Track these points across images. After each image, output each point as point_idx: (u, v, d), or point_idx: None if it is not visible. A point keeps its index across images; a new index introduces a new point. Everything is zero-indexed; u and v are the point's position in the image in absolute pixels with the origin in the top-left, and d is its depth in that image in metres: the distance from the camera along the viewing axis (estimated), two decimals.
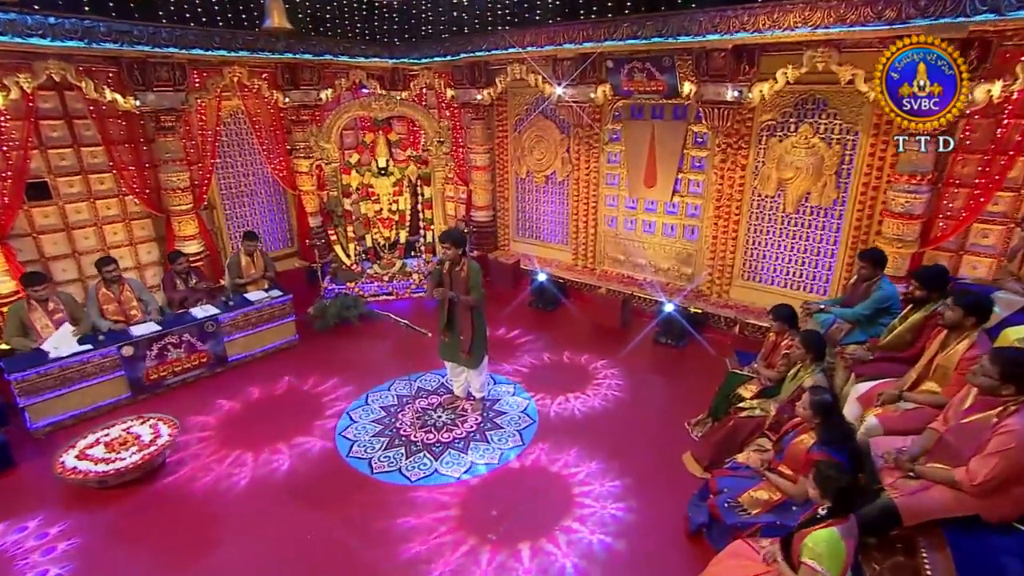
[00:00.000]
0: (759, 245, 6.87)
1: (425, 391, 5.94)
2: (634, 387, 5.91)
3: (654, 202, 7.64)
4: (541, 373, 6.22)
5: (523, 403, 5.69)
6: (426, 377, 6.18)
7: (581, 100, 7.39)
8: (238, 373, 6.32)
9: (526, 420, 5.42)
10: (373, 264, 8.47)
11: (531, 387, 5.94)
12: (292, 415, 5.54)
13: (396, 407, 5.67)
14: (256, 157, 8.52)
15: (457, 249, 5.01)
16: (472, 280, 5.04)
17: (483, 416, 5.47)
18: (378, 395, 5.88)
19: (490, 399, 5.74)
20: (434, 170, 8.29)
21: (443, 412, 5.56)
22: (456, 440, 5.13)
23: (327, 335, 7.20)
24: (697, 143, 7.05)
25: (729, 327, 6.90)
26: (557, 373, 6.21)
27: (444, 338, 5.34)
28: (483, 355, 5.36)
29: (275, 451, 5.02)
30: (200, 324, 6.06)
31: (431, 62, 8.66)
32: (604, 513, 4.22)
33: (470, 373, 5.44)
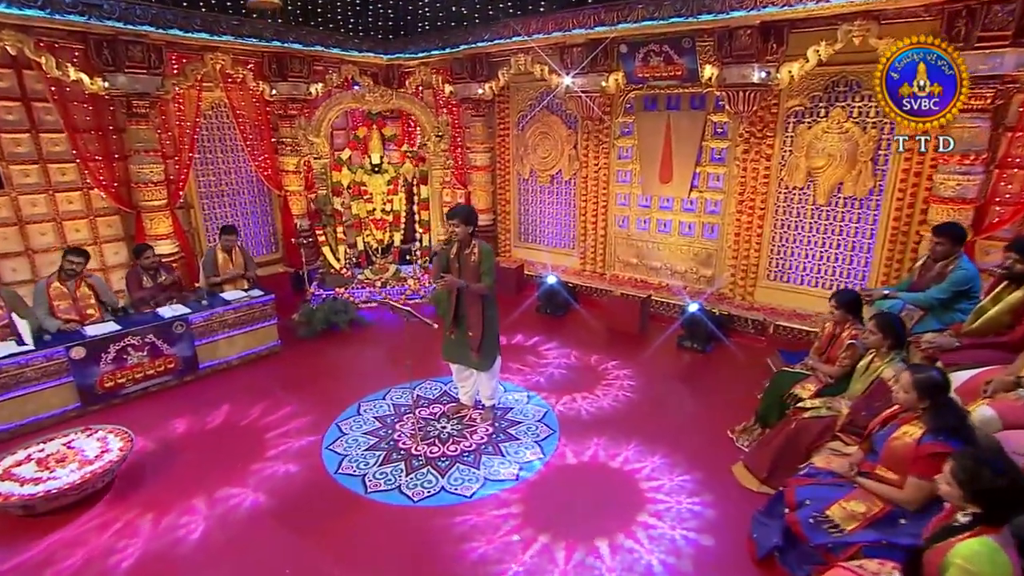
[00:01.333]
0: (786, 242, 6.28)
1: (426, 399, 5.17)
2: (663, 395, 5.19)
3: (670, 199, 7.06)
4: (558, 380, 5.48)
5: (540, 411, 4.94)
6: (426, 385, 5.41)
7: (591, 90, 6.85)
8: (211, 382, 5.49)
9: (544, 430, 4.66)
10: (364, 269, 7.72)
11: (548, 394, 5.19)
12: (271, 427, 4.72)
13: (393, 417, 4.88)
14: (239, 154, 7.82)
15: (467, 228, 4.33)
16: (484, 264, 4.34)
17: (495, 426, 4.71)
18: (371, 404, 5.09)
19: (501, 407, 4.98)
20: (431, 168, 7.65)
21: (448, 422, 4.79)
22: (465, 453, 4.35)
23: (313, 341, 6.40)
24: (717, 134, 6.52)
25: (757, 330, 6.25)
26: (579, 378, 5.48)
27: (450, 335, 4.60)
28: (495, 355, 4.63)
29: (249, 469, 4.18)
30: (167, 324, 5.25)
31: (428, 56, 8.11)
32: (648, 536, 3.46)
33: (479, 377, 4.69)
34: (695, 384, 5.38)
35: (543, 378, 5.52)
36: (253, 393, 5.26)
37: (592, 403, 5.06)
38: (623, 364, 5.75)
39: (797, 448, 3.75)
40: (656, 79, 6.39)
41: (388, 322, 7.02)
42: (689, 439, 4.43)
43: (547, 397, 5.16)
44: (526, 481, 4.01)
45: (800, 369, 4.35)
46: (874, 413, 3.46)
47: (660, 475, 3.99)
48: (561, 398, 5.13)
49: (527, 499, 3.82)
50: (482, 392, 4.78)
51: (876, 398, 3.51)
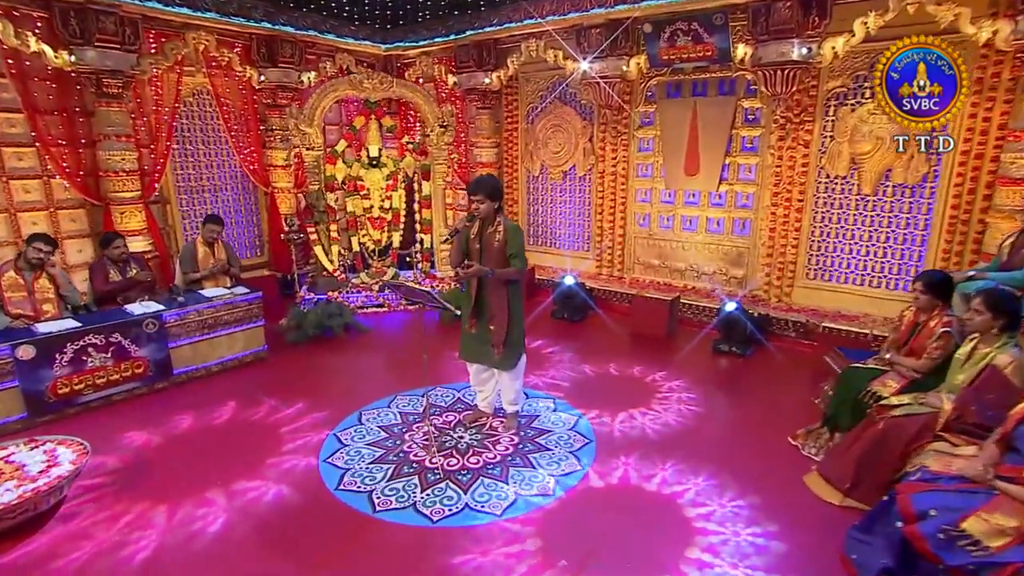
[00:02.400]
0: (828, 236, 5.89)
1: (437, 407, 4.61)
2: (707, 401, 4.69)
3: (696, 194, 6.66)
4: (587, 387, 4.96)
5: (570, 419, 4.40)
6: (436, 391, 4.86)
7: (610, 76, 6.49)
8: (186, 390, 4.89)
9: (579, 439, 4.12)
10: (359, 272, 7.18)
11: (578, 403, 4.65)
12: (258, 439, 4.13)
13: (401, 427, 4.31)
14: (222, 146, 7.31)
15: (492, 203, 3.85)
16: (511, 246, 3.86)
17: (520, 436, 4.15)
18: (374, 413, 4.52)
19: (525, 415, 4.43)
20: (434, 163, 7.20)
21: (465, 432, 4.23)
22: (489, 466, 3.78)
23: (304, 347, 5.83)
24: (748, 121, 6.17)
25: (799, 332, 5.79)
26: (608, 386, 4.96)
27: (469, 329, 4.07)
28: (520, 353, 4.10)
29: (232, 488, 3.58)
30: (137, 323, 4.66)
31: (431, 44, 7.75)
32: (723, 565, 2.92)
33: (501, 378, 4.15)
34: (739, 391, 4.88)
35: (569, 385, 4.99)
36: (235, 402, 4.67)
37: (626, 414, 4.52)
38: (652, 370, 5.24)
39: (888, 451, 3.26)
40: (683, 61, 6.05)
41: (388, 326, 6.48)
42: (741, 453, 3.90)
43: (575, 405, 4.63)
44: (560, 499, 3.46)
45: (874, 364, 3.89)
46: (987, 406, 2.99)
47: (708, 499, 3.40)
48: (590, 409, 4.59)
49: (562, 520, 3.27)
50: (504, 396, 4.24)
51: (987, 389, 3.05)
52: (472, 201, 3.87)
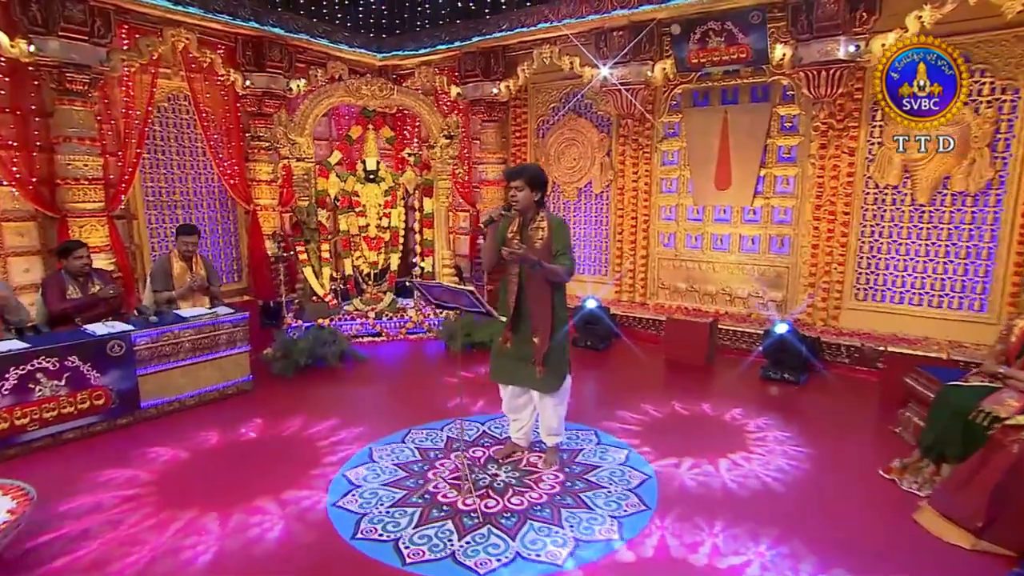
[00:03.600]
0: (879, 252, 5.65)
1: (461, 442, 4.10)
2: (806, 441, 4.27)
3: (727, 209, 6.42)
4: (636, 423, 4.50)
5: (620, 454, 3.93)
6: (456, 424, 4.36)
7: (633, 83, 6.31)
8: (156, 427, 4.31)
9: (635, 475, 3.65)
10: (352, 298, 6.70)
11: (633, 439, 4.18)
12: (250, 480, 3.57)
13: (421, 464, 3.79)
14: (199, 157, 6.88)
15: (532, 193, 3.48)
16: (558, 242, 3.49)
17: (565, 472, 3.67)
18: (387, 449, 3.99)
19: (566, 448, 3.96)
20: (438, 178, 6.87)
21: (499, 468, 3.73)
22: (535, 507, 3.29)
23: (294, 379, 5.28)
24: (785, 129, 6.00)
25: (853, 359, 5.47)
26: (670, 425, 4.48)
27: (504, 344, 3.63)
28: (565, 372, 3.67)
29: (225, 546, 3.01)
30: (99, 344, 4.10)
31: (432, 52, 7.54)
32: None
33: (542, 403, 3.68)
34: (800, 422, 4.46)
35: (613, 423, 4.54)
36: (216, 440, 4.10)
37: (664, 456, 4.08)
38: (695, 401, 4.83)
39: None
40: (714, 65, 5.90)
41: (387, 356, 6.00)
42: (832, 495, 3.47)
43: (635, 445, 4.18)
44: (631, 540, 2.98)
45: (978, 382, 3.54)
46: None
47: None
48: (642, 446, 4.14)
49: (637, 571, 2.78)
50: (544, 425, 3.77)
51: None
52: (510, 188, 3.50)
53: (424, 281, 3.39)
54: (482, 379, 5.33)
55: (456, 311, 3.36)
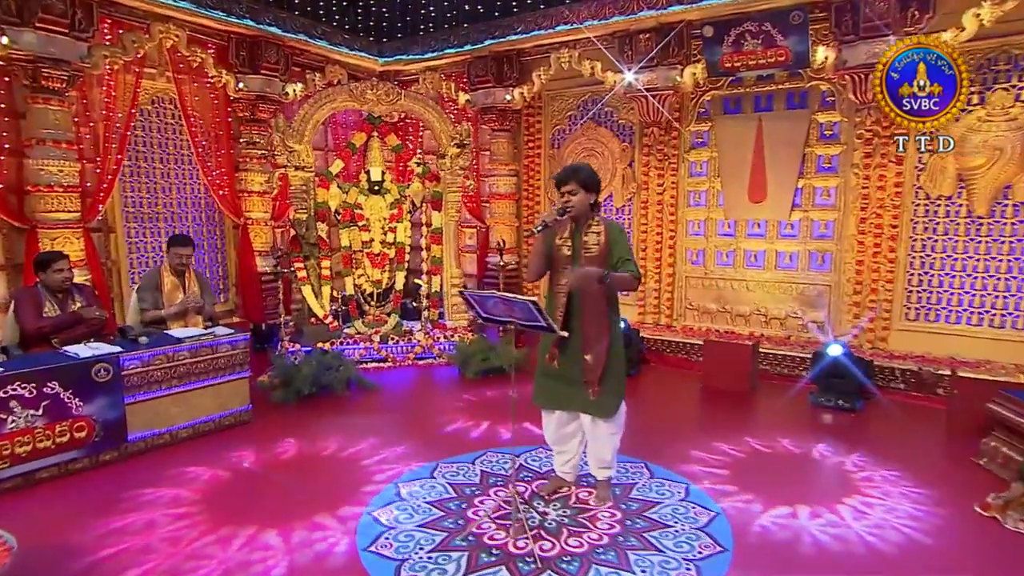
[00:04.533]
0: (931, 268, 5.57)
1: (496, 475, 3.86)
2: (830, 475, 4.08)
3: (762, 224, 6.34)
4: (718, 463, 4.28)
5: (678, 488, 3.72)
6: (487, 456, 4.13)
7: (660, 88, 6.25)
8: (144, 464, 4.00)
9: (701, 512, 3.43)
10: (353, 320, 6.45)
11: (715, 479, 3.94)
12: (267, 523, 3.28)
13: (458, 502, 3.53)
14: (185, 166, 6.66)
15: (587, 195, 3.33)
16: (618, 249, 3.32)
17: (621, 508, 3.44)
18: (414, 485, 3.74)
19: (618, 482, 3.74)
20: (447, 190, 6.71)
21: (546, 505, 3.49)
22: (597, 550, 3.05)
23: (296, 408, 5.00)
24: (824, 137, 5.96)
25: (909, 384, 5.34)
26: (754, 464, 4.26)
27: (551, 363, 3.42)
28: (622, 395, 3.47)
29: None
30: (83, 368, 3.81)
31: (439, 57, 7.45)
32: None
33: (595, 430, 3.46)
34: (865, 454, 4.26)
35: (692, 464, 4.32)
36: (215, 481, 3.81)
37: (769, 502, 3.88)
38: (743, 433, 4.63)
39: None
40: (749, 69, 5.85)
41: (396, 383, 5.77)
42: (932, 535, 3.29)
43: (698, 482, 3.97)
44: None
45: None
46: None
47: None
48: (701, 481, 3.93)
49: None
50: (596, 455, 3.54)
51: None
52: (562, 192, 3.34)
53: (475, 291, 3.16)
54: (487, 404, 5.20)
55: (509, 326, 3.11)
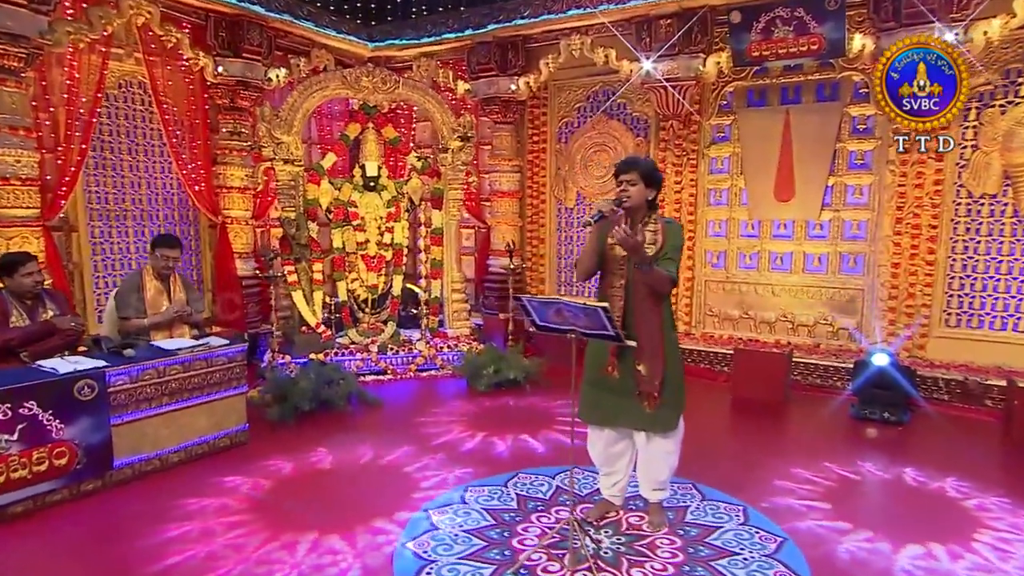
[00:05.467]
0: (973, 271, 5.62)
1: (535, 499, 3.75)
2: (890, 498, 4.06)
3: (789, 224, 6.35)
4: (811, 492, 4.19)
5: (735, 512, 3.63)
6: (520, 478, 4.02)
7: (681, 79, 6.22)
8: (131, 494, 3.78)
9: (768, 538, 3.35)
10: (347, 329, 6.26)
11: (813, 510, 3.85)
12: (293, 555, 3.10)
13: (499, 530, 3.39)
14: (157, 158, 6.41)
15: (646, 189, 3.25)
16: (668, 247, 3.26)
17: (679, 534, 3.34)
18: (445, 512, 3.60)
19: (671, 504, 3.65)
20: (448, 187, 6.58)
21: (597, 532, 3.37)
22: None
23: (295, 426, 4.80)
24: (857, 132, 6.00)
25: (953, 395, 5.37)
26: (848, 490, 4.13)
27: (608, 372, 3.31)
28: (682, 407, 3.38)
29: None
30: (65, 386, 3.57)
31: (436, 42, 7.32)
32: None
33: (650, 448, 3.36)
34: (923, 473, 4.23)
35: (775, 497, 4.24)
36: (219, 512, 3.60)
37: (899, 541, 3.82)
38: (792, 449, 4.62)
39: None
40: (779, 58, 5.86)
41: (399, 397, 5.66)
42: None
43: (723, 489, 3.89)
44: None
45: None
46: None
47: None
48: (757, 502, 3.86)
49: None
50: (650, 475, 3.44)
51: None
52: (620, 182, 3.24)
53: (535, 297, 3.03)
54: (505, 418, 5.11)
55: (571, 335, 2.99)
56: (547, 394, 5.63)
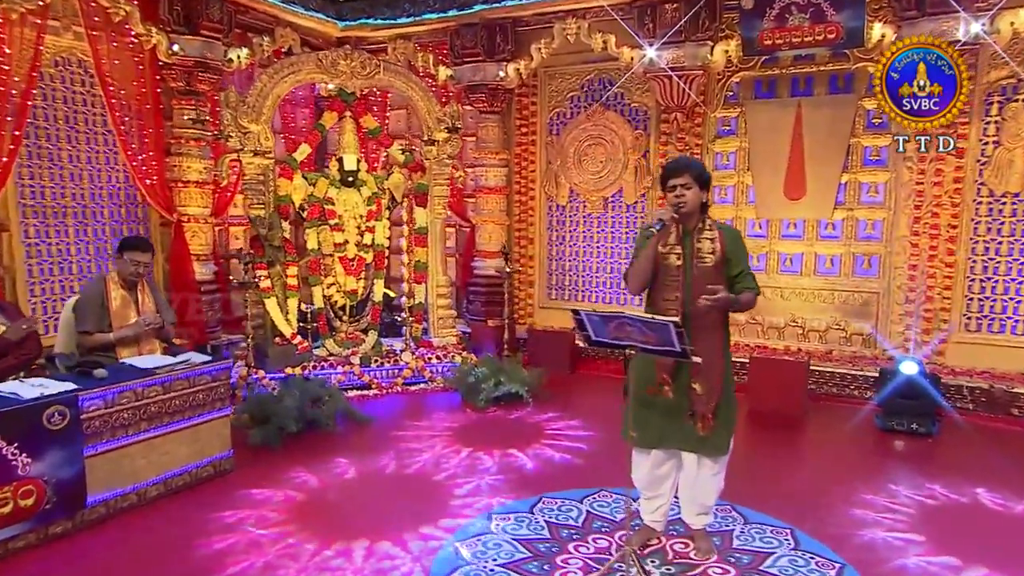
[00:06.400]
0: (995, 274, 5.82)
1: (567, 527, 3.71)
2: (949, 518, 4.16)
3: (799, 224, 6.48)
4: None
5: (783, 536, 3.66)
6: (545, 503, 3.99)
7: (688, 68, 6.26)
8: (104, 537, 3.58)
9: (825, 564, 3.38)
10: (323, 339, 6.08)
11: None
12: None
13: (539, 562, 3.33)
14: (101, 147, 6.13)
15: (700, 192, 3.25)
16: (737, 260, 3.27)
17: (730, 562, 3.35)
18: (474, 543, 3.53)
19: (712, 528, 3.64)
20: (434, 182, 6.47)
21: (641, 560, 3.35)
22: None
23: (282, 451, 4.63)
24: (872, 127, 6.15)
25: (978, 404, 5.55)
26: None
27: (661, 391, 3.28)
28: (733, 429, 3.39)
29: None
30: (33, 413, 3.34)
31: (415, 23, 7.20)
32: None
33: (699, 471, 3.36)
34: (953, 488, 4.36)
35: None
36: (210, 558, 3.42)
37: None
38: (829, 466, 4.70)
39: None
40: (793, 47, 5.95)
41: (388, 414, 5.56)
42: None
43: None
44: None
45: None
46: None
47: None
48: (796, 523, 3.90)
49: None
50: (696, 499, 3.44)
51: None
52: (672, 187, 3.22)
53: (594, 312, 2.97)
54: (513, 436, 5.07)
55: (629, 350, 2.94)
56: (553, 410, 5.61)
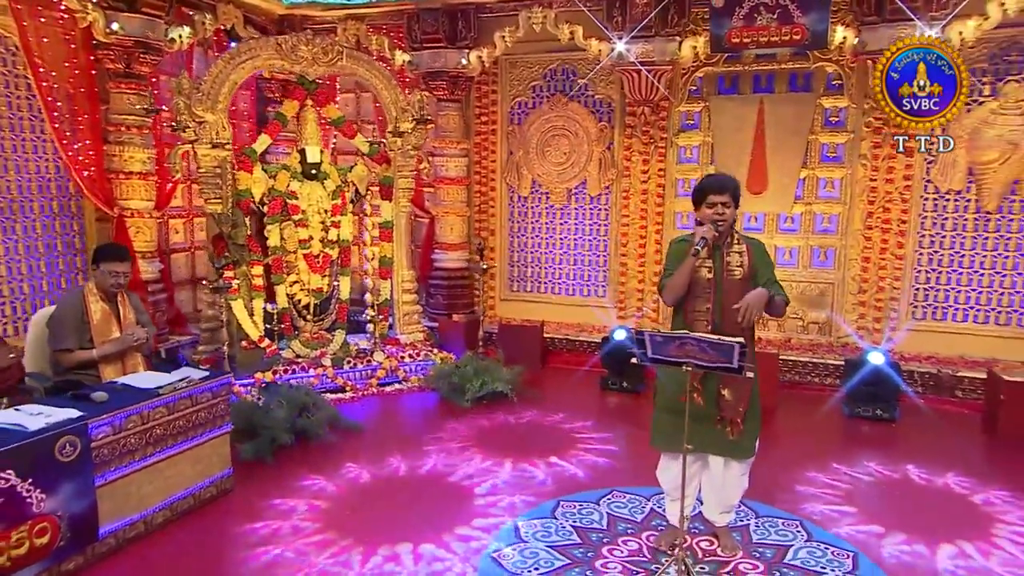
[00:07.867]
0: (939, 265, 6.46)
1: (595, 530, 3.94)
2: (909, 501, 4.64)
3: (759, 217, 6.93)
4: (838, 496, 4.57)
5: (795, 528, 4.03)
6: (564, 506, 4.22)
7: (657, 62, 6.53)
8: (119, 570, 3.50)
9: (840, 553, 3.77)
10: (288, 340, 6.02)
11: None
12: None
13: (580, 569, 3.54)
14: (29, 134, 5.85)
15: (735, 210, 3.54)
16: (764, 271, 3.56)
17: (755, 556, 3.68)
18: (508, 553, 3.71)
19: (735, 524, 3.99)
20: (399, 174, 6.47)
21: (673, 561, 3.63)
22: None
23: (275, 465, 4.61)
24: (830, 124, 6.64)
25: (927, 387, 6.16)
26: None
27: (695, 400, 3.53)
28: (759, 429, 3.71)
29: None
30: (46, 445, 3.22)
31: (371, 4, 7.11)
32: None
33: (728, 472, 3.67)
34: (925, 470, 4.88)
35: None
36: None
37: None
38: (812, 454, 5.12)
39: None
40: (760, 46, 6.31)
41: (370, 415, 5.68)
42: None
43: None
44: None
45: None
46: None
47: None
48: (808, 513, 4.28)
49: None
50: (722, 499, 3.76)
51: None
52: (713, 203, 3.46)
53: (658, 332, 3.17)
54: (510, 439, 5.25)
55: (686, 367, 3.17)
56: (541, 407, 5.84)
